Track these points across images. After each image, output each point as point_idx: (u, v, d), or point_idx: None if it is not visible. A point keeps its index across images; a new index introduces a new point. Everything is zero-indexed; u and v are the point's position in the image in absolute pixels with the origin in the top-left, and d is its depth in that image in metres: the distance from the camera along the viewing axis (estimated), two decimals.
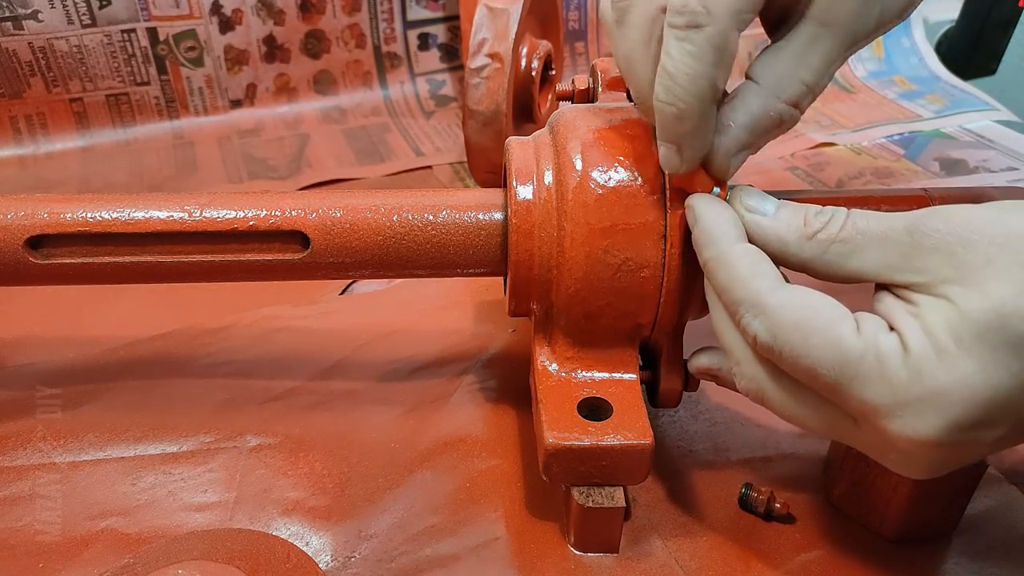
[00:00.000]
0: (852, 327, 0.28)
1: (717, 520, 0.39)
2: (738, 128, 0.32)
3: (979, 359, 0.26)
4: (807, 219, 0.31)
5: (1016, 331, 0.26)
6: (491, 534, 0.39)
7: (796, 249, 0.31)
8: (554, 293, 0.37)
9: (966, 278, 0.27)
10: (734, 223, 0.32)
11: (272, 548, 0.36)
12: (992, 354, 0.26)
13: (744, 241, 0.32)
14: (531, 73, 0.59)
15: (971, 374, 0.26)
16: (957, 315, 0.27)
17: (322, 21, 0.80)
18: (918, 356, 0.27)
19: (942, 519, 0.38)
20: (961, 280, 0.27)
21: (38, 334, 0.52)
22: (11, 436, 0.44)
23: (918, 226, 0.29)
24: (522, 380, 0.44)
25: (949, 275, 0.27)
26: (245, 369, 0.49)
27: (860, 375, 0.28)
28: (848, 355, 0.28)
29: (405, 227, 0.39)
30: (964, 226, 0.28)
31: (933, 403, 0.27)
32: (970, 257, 0.27)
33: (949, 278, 0.27)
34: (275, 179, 0.72)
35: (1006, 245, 0.27)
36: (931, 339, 0.27)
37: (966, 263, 0.27)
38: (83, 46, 0.73)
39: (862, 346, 0.28)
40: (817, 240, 0.31)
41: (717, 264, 0.32)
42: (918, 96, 0.85)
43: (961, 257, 0.27)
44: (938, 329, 0.27)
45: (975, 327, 0.26)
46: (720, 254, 0.32)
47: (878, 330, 0.28)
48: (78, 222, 0.39)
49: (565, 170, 0.36)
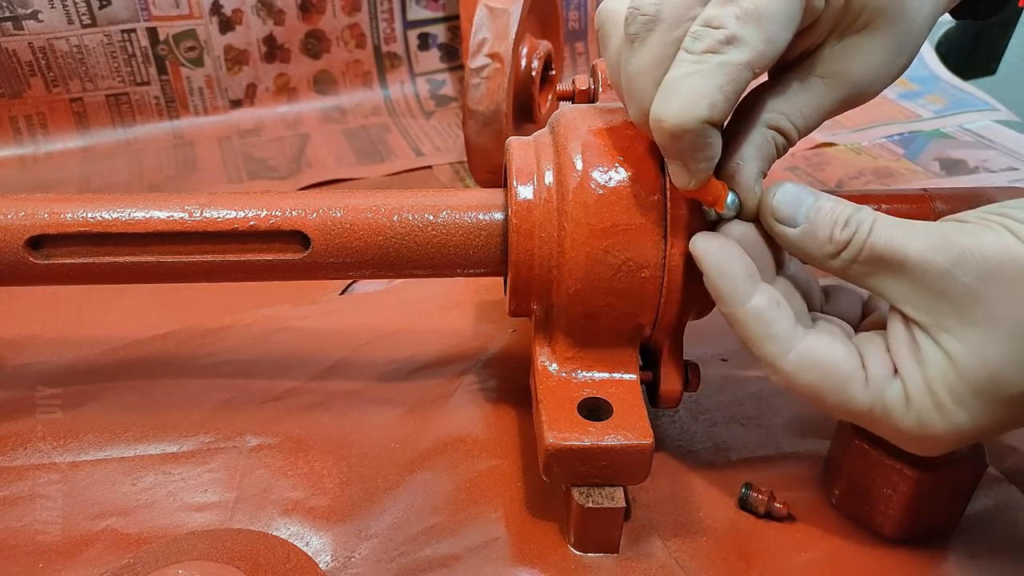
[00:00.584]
0: (861, 381, 0.32)
1: (717, 520, 0.39)
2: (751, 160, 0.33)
3: (971, 412, 0.30)
4: (833, 236, 0.32)
5: (1008, 392, 0.29)
6: (491, 534, 0.39)
7: (821, 263, 0.33)
8: (554, 293, 0.37)
9: (967, 336, 0.29)
10: (743, 269, 0.33)
11: (272, 548, 0.36)
12: (983, 408, 0.30)
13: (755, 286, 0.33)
14: (531, 73, 0.59)
15: (963, 423, 0.30)
16: (955, 375, 0.30)
17: (322, 21, 0.80)
18: (919, 409, 0.31)
19: (942, 519, 0.38)
20: (962, 336, 0.29)
21: (38, 334, 0.52)
22: (11, 436, 0.44)
23: (930, 266, 0.30)
24: (522, 380, 0.44)
25: (952, 326, 0.30)
26: (245, 369, 0.49)
27: (871, 421, 0.32)
28: (860, 410, 0.32)
29: (405, 227, 0.39)
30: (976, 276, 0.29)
31: (930, 441, 0.31)
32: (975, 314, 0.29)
33: (952, 328, 0.30)
34: (275, 179, 0.72)
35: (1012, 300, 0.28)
36: (931, 395, 0.30)
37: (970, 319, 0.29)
38: (83, 46, 0.73)
39: (870, 400, 0.32)
40: (841, 259, 0.32)
41: (732, 320, 0.33)
42: (918, 96, 0.85)
43: (967, 312, 0.29)
44: (937, 386, 0.30)
45: (969, 386, 0.29)
46: (732, 314, 0.33)
47: (884, 382, 0.31)
48: (78, 222, 0.39)
49: (566, 170, 0.36)
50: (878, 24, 0.33)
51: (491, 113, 0.55)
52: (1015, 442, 0.43)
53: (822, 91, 0.34)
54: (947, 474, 0.36)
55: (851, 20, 0.32)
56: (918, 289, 0.30)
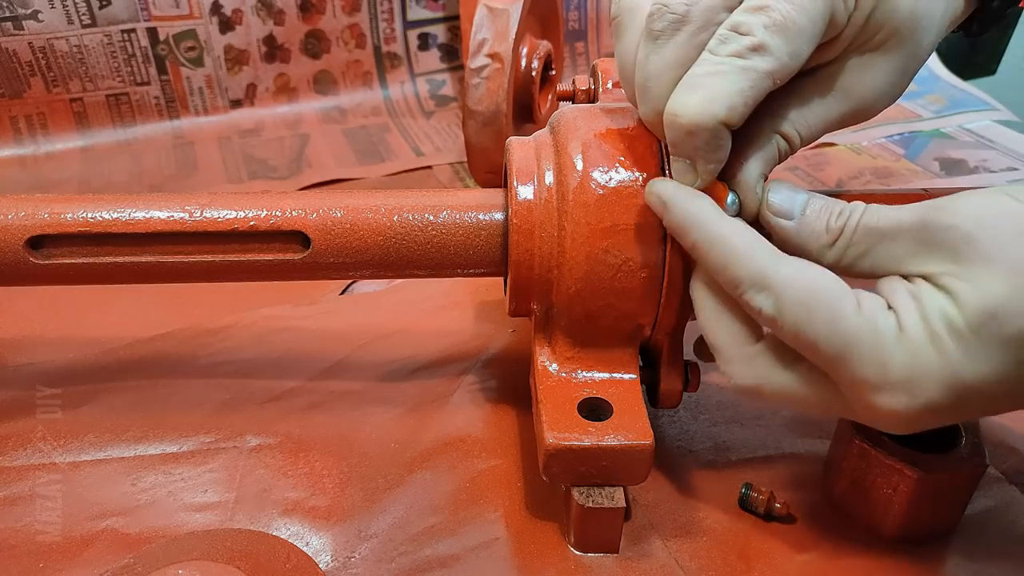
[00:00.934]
0: (854, 304, 0.29)
1: (717, 520, 0.39)
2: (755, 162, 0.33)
3: (968, 349, 0.28)
4: (828, 225, 0.32)
5: (1006, 331, 0.27)
6: (491, 534, 0.39)
7: (817, 256, 0.32)
8: (555, 293, 0.37)
9: (966, 273, 0.28)
10: (709, 201, 0.32)
11: (272, 548, 0.36)
12: (980, 347, 0.27)
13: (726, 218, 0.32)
14: (531, 73, 0.59)
15: (957, 361, 0.28)
16: (954, 308, 0.28)
17: (322, 21, 0.80)
18: (912, 337, 0.28)
19: (942, 519, 0.38)
20: (961, 274, 0.28)
21: (38, 334, 0.52)
22: (11, 436, 0.44)
23: (926, 222, 0.29)
24: (522, 380, 0.44)
25: (950, 269, 0.29)
26: (245, 369, 0.49)
27: (858, 350, 0.29)
28: (848, 330, 0.29)
29: (405, 227, 0.39)
30: (972, 222, 0.28)
31: (918, 384, 0.28)
32: (972, 254, 0.28)
33: (950, 272, 0.28)
34: (275, 179, 0.72)
35: (1008, 244, 0.28)
36: (926, 324, 0.28)
37: (968, 259, 0.28)
38: (83, 46, 0.73)
39: (862, 322, 0.29)
40: (836, 247, 0.32)
41: (709, 244, 0.32)
42: (918, 96, 0.85)
43: (964, 254, 0.28)
44: (934, 317, 0.28)
45: (969, 321, 0.27)
46: (711, 233, 0.32)
47: (877, 309, 0.29)
48: (78, 222, 0.39)
49: (566, 170, 0.36)
50: (891, 45, 0.33)
51: (491, 113, 0.55)
52: (1015, 442, 0.43)
53: (830, 104, 0.34)
54: (947, 474, 0.36)
55: (867, 38, 0.33)
56: (914, 247, 0.30)
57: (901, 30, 0.33)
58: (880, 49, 0.33)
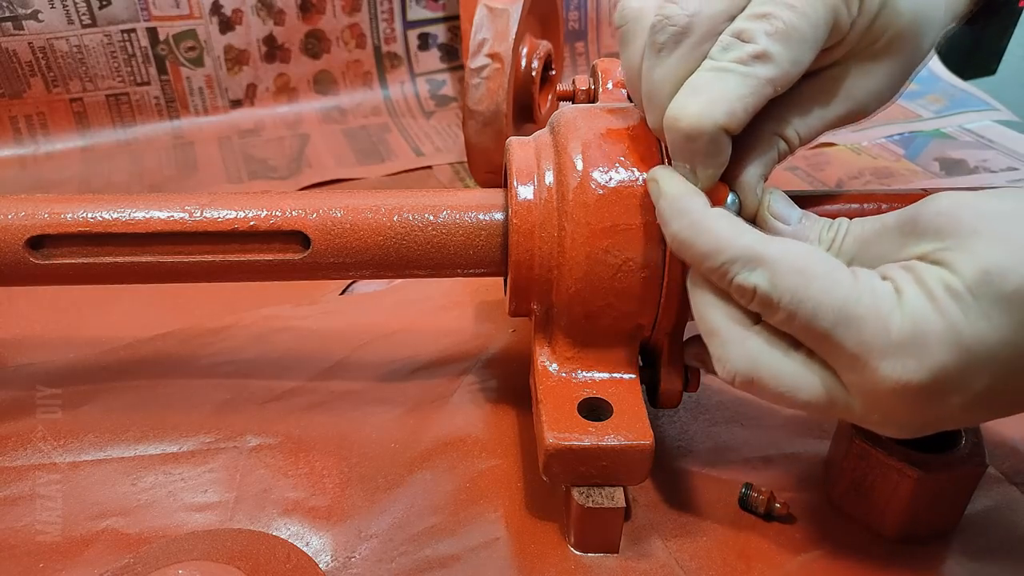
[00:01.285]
0: (849, 273, 0.29)
1: (717, 520, 0.39)
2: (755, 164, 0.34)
3: (967, 309, 0.27)
4: (821, 236, 0.33)
5: (1003, 288, 0.27)
6: (491, 534, 0.39)
7: None
8: (555, 293, 0.37)
9: (957, 244, 0.28)
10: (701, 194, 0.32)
11: (272, 548, 0.36)
12: (980, 307, 0.27)
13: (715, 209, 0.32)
14: (531, 73, 0.59)
15: (959, 321, 0.27)
16: (950, 274, 0.28)
17: (322, 21, 0.80)
18: (911, 300, 0.28)
19: (942, 519, 0.38)
20: (952, 246, 0.28)
21: (38, 334, 0.52)
22: (11, 436, 0.44)
23: (908, 216, 0.30)
24: (522, 380, 0.44)
25: (940, 246, 0.29)
26: (245, 369, 0.49)
27: (857, 316, 0.28)
28: (847, 296, 0.29)
29: (405, 227, 0.39)
30: (953, 207, 0.29)
31: (922, 345, 0.28)
32: (960, 230, 0.28)
33: (940, 248, 0.29)
34: (275, 179, 0.72)
35: (991, 219, 0.28)
36: (924, 288, 0.28)
37: (956, 234, 0.28)
38: (83, 46, 0.73)
39: (860, 286, 0.29)
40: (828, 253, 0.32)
41: (696, 230, 0.31)
42: (918, 96, 0.85)
43: (951, 231, 0.28)
44: (932, 283, 0.28)
45: (965, 283, 0.27)
46: (697, 220, 0.31)
47: (873, 276, 0.29)
48: (78, 222, 0.39)
49: (566, 170, 0.36)
50: (892, 49, 0.33)
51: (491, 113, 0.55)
52: (1015, 442, 0.43)
53: (829, 106, 0.34)
54: (947, 474, 0.36)
55: (870, 43, 0.33)
56: (901, 238, 0.30)
57: (903, 34, 0.33)
58: (882, 53, 0.34)
